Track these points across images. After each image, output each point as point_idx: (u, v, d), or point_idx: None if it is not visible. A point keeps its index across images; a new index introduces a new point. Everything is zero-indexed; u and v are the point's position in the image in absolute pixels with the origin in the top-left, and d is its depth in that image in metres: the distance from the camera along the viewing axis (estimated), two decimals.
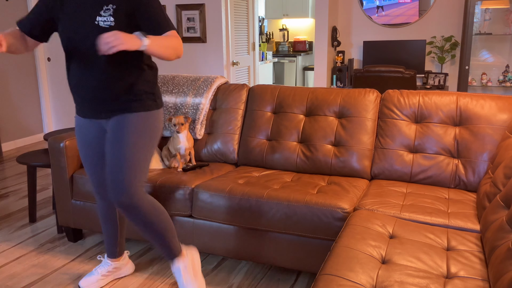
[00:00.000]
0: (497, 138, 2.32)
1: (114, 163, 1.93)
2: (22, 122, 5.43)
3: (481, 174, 2.32)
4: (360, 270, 1.49)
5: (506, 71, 4.50)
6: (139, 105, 1.98)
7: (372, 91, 2.64)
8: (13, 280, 2.44)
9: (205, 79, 2.98)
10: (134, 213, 1.96)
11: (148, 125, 1.99)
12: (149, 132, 2.00)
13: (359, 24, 5.03)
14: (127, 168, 1.92)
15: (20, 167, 4.53)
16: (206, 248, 2.42)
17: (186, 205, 2.39)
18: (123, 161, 1.92)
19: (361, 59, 5.13)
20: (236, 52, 5.06)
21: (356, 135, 2.56)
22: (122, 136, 1.94)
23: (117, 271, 2.40)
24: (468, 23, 4.30)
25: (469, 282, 1.46)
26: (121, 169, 1.91)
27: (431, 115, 2.48)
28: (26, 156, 3.08)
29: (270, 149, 2.72)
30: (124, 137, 1.94)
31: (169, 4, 4.91)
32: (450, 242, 1.75)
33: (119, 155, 1.92)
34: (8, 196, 3.71)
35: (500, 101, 2.40)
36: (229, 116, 2.87)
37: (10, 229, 3.07)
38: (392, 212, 2.04)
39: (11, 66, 5.24)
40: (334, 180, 2.48)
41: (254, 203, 2.23)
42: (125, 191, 1.91)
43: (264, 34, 7.47)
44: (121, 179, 1.91)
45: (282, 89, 2.85)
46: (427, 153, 2.45)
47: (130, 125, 1.95)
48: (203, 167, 2.73)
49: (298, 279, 2.40)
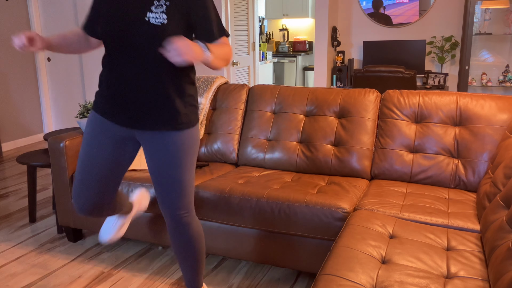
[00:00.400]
0: (497, 138, 2.32)
1: (171, 188, 1.83)
2: (22, 122, 5.43)
3: (481, 174, 2.32)
4: (360, 270, 1.49)
5: (506, 71, 4.50)
6: (188, 121, 1.82)
7: (372, 91, 2.64)
8: (13, 280, 2.44)
9: (205, 79, 2.98)
10: (184, 230, 1.91)
11: (194, 141, 1.87)
12: (195, 147, 1.89)
13: (359, 24, 5.03)
14: (185, 191, 1.86)
15: (20, 167, 4.53)
16: (206, 248, 2.42)
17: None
18: (181, 185, 1.84)
19: (361, 59, 5.13)
20: (236, 52, 5.06)
21: (356, 135, 2.56)
22: (176, 157, 1.81)
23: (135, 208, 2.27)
24: (468, 23, 4.30)
25: (469, 282, 1.46)
26: (180, 192, 1.84)
27: (431, 115, 2.48)
28: (26, 156, 3.08)
29: (270, 149, 2.72)
30: (179, 158, 1.81)
31: None
32: (450, 242, 1.75)
33: (176, 179, 1.82)
34: (8, 196, 3.71)
35: (500, 101, 2.40)
36: (229, 116, 2.87)
37: (10, 229, 3.07)
38: (392, 212, 2.04)
39: (11, 66, 5.24)
40: (334, 180, 2.48)
41: (254, 203, 2.23)
42: (185, 212, 1.89)
43: (264, 34, 7.47)
44: (182, 202, 1.86)
45: (282, 89, 2.85)
46: (427, 153, 2.45)
47: (182, 144, 1.81)
48: (203, 167, 2.73)
49: (298, 279, 2.40)
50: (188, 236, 1.93)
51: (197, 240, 1.96)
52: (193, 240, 1.94)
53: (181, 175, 1.83)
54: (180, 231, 1.91)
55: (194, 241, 1.95)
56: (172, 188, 1.84)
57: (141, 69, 1.71)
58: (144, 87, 1.73)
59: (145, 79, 1.72)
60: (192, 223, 1.92)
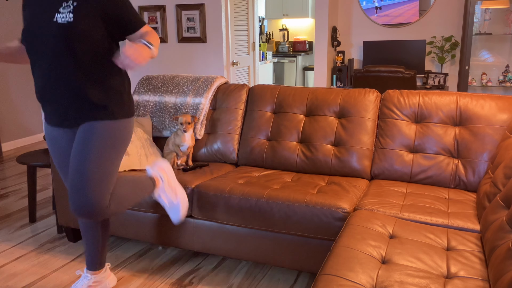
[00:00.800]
0: (497, 138, 2.32)
1: (77, 177, 1.81)
2: (22, 122, 5.43)
3: (481, 174, 2.32)
4: (360, 270, 1.49)
5: (506, 71, 4.50)
6: (108, 113, 1.85)
7: (372, 91, 2.64)
8: (13, 280, 2.44)
9: (205, 79, 2.98)
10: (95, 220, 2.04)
11: (115, 135, 1.86)
12: (117, 142, 1.87)
13: (359, 24, 5.03)
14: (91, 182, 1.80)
15: (20, 167, 4.53)
16: (206, 248, 2.42)
17: None
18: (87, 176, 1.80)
19: (361, 59, 5.13)
20: (236, 52, 5.06)
21: (356, 135, 2.56)
22: (86, 148, 1.82)
23: (98, 285, 2.23)
24: (468, 23, 4.30)
25: (469, 282, 1.46)
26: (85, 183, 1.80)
27: (431, 115, 2.48)
28: (26, 156, 3.08)
29: (270, 149, 2.72)
30: (89, 149, 1.81)
31: (169, 4, 4.91)
32: (450, 242, 1.75)
33: (82, 169, 1.80)
34: (8, 196, 3.71)
35: (500, 101, 2.40)
36: (229, 116, 2.87)
37: (10, 229, 3.07)
38: (392, 212, 2.04)
39: (11, 66, 5.24)
40: (334, 180, 2.48)
41: (254, 203, 2.23)
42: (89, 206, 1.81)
43: (264, 34, 7.47)
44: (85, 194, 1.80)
45: (282, 89, 2.85)
46: (427, 153, 2.45)
47: (96, 135, 1.83)
48: (203, 167, 2.73)
49: (298, 279, 2.40)
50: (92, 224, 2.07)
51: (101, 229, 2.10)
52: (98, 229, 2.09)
53: (89, 164, 1.79)
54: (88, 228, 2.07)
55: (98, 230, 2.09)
56: (78, 176, 1.80)
57: (56, 69, 1.77)
58: (61, 86, 1.79)
59: (61, 78, 1.78)
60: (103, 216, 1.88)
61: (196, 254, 2.69)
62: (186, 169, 2.65)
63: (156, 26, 5.03)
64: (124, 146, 1.91)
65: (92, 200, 1.81)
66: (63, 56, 1.76)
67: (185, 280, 2.40)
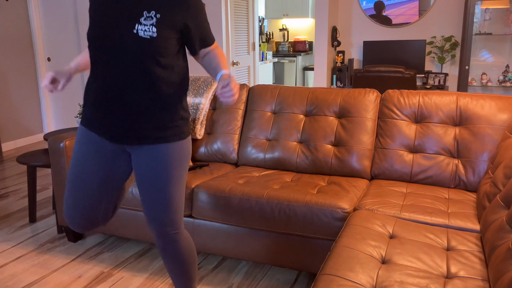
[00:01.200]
0: (497, 138, 2.32)
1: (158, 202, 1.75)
2: (22, 122, 5.43)
3: (481, 174, 2.32)
4: (360, 270, 1.49)
5: (506, 71, 4.50)
6: (178, 133, 1.74)
7: (372, 91, 2.64)
8: (13, 280, 2.44)
9: (205, 79, 2.98)
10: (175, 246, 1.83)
11: (184, 154, 1.78)
12: (186, 160, 1.80)
13: (359, 24, 5.03)
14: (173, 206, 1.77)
15: (20, 167, 4.53)
16: (206, 248, 2.42)
17: (186, 205, 2.39)
18: (168, 200, 1.75)
19: (361, 59, 5.13)
20: (236, 52, 5.06)
21: (356, 135, 2.56)
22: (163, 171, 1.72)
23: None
24: (468, 23, 4.30)
25: (469, 282, 1.46)
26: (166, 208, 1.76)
27: (431, 115, 2.48)
28: (26, 156, 3.08)
29: (270, 149, 2.72)
30: (166, 172, 1.72)
31: None
32: (450, 242, 1.75)
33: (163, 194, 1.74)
34: (8, 196, 3.71)
35: (500, 101, 2.40)
36: (229, 116, 2.87)
37: (10, 229, 3.07)
38: (392, 212, 2.04)
39: (11, 66, 5.24)
40: (334, 180, 2.48)
41: (254, 203, 2.23)
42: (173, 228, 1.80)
43: (264, 34, 7.47)
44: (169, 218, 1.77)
45: (282, 89, 2.85)
46: (427, 153, 2.45)
47: (171, 157, 1.73)
48: (203, 167, 2.73)
49: (298, 279, 2.40)
50: (177, 253, 1.84)
51: (187, 256, 1.87)
52: (182, 257, 1.86)
53: (168, 190, 1.74)
54: (168, 248, 1.83)
55: (183, 258, 1.86)
56: (159, 203, 1.75)
57: (127, 81, 1.63)
58: (130, 100, 1.65)
59: (131, 92, 1.64)
60: (180, 241, 1.83)
61: (196, 254, 2.69)
62: None
63: None
64: (188, 162, 1.85)
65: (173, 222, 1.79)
66: (138, 69, 1.62)
67: None
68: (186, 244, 1.86)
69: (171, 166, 1.73)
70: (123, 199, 1.96)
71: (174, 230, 1.80)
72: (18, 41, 5.30)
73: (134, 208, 2.51)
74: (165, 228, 1.78)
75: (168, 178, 1.73)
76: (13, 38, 5.24)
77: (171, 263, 1.87)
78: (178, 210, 1.80)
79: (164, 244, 1.82)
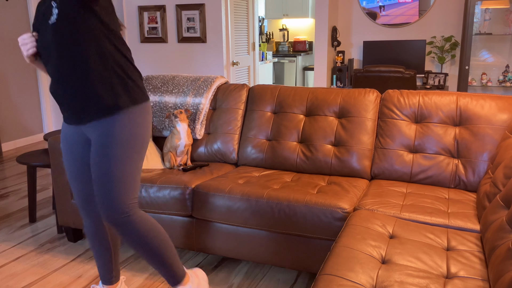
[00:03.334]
0: (497, 138, 2.32)
1: (101, 180, 1.72)
2: (22, 122, 5.43)
3: (481, 174, 2.32)
4: (360, 270, 1.49)
5: (506, 71, 4.50)
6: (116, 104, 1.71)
7: (372, 91, 2.64)
8: (13, 280, 2.44)
9: (205, 79, 2.98)
10: (128, 231, 1.76)
11: (130, 126, 1.72)
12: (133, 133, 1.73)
13: (359, 24, 5.03)
14: (116, 184, 1.71)
15: (20, 167, 4.53)
16: (206, 248, 2.42)
17: (186, 205, 2.39)
18: (111, 178, 1.70)
19: (361, 59, 5.13)
20: (236, 52, 5.06)
21: (356, 135, 2.56)
22: (105, 147, 1.71)
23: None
24: (468, 23, 4.30)
25: (469, 282, 1.46)
26: (110, 186, 1.71)
27: (431, 115, 2.48)
28: (26, 156, 3.08)
29: (270, 149, 2.72)
30: (108, 148, 1.70)
31: (169, 4, 4.91)
32: (450, 242, 1.75)
33: (105, 171, 1.70)
34: (8, 196, 3.71)
35: (500, 101, 2.40)
36: (229, 116, 2.87)
37: (10, 229, 3.07)
38: (392, 212, 2.04)
39: (11, 66, 5.24)
40: (334, 180, 2.48)
41: (254, 203, 2.23)
42: (117, 209, 1.73)
43: (264, 34, 7.47)
44: (112, 197, 1.71)
45: (282, 89, 2.85)
46: (427, 153, 2.45)
47: (112, 131, 1.70)
48: (203, 167, 2.73)
49: (298, 279, 2.40)
50: (136, 233, 1.77)
51: (148, 233, 1.79)
52: (143, 234, 1.78)
53: (111, 168, 1.69)
54: (122, 233, 1.77)
55: (144, 234, 1.79)
56: (102, 184, 1.70)
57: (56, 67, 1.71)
58: (63, 83, 1.72)
59: (62, 75, 1.71)
60: (132, 223, 1.76)
61: (196, 254, 2.69)
62: (186, 169, 2.65)
63: (156, 26, 5.03)
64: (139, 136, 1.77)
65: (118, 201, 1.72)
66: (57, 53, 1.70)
67: None
68: (141, 226, 1.78)
69: (113, 141, 1.70)
70: None
71: (122, 215, 1.73)
72: (18, 41, 5.30)
73: None
74: (111, 213, 1.72)
75: (110, 156, 1.69)
76: (13, 38, 5.24)
77: (134, 247, 1.81)
78: (126, 191, 1.72)
79: (117, 228, 1.76)
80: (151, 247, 1.82)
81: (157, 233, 1.84)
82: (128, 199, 1.76)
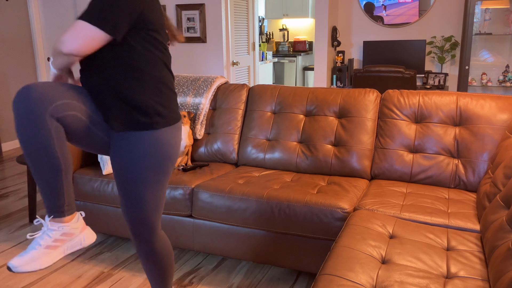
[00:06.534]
0: (497, 138, 2.32)
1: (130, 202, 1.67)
2: None
3: (481, 174, 2.32)
4: (360, 270, 1.49)
5: (506, 71, 4.50)
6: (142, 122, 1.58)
7: (372, 91, 2.64)
8: (13, 280, 2.44)
9: (205, 79, 2.98)
10: (148, 248, 1.78)
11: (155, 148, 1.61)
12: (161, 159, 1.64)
13: (359, 24, 5.03)
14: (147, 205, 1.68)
15: (20, 167, 4.53)
16: (206, 248, 2.42)
17: (186, 205, 2.39)
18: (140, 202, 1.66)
19: (361, 59, 5.13)
20: (236, 52, 5.06)
21: (356, 135, 2.56)
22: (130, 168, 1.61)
23: (69, 238, 1.54)
24: (468, 23, 4.30)
25: (469, 282, 1.46)
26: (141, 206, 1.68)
27: (431, 115, 2.48)
28: None
29: (270, 149, 2.72)
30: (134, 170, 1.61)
31: (169, 4, 4.91)
32: (450, 242, 1.75)
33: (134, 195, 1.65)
34: (8, 196, 3.71)
35: (500, 101, 2.40)
36: (229, 116, 2.87)
37: (10, 229, 3.07)
38: (392, 212, 2.04)
39: (11, 66, 5.24)
40: (334, 180, 2.48)
41: (254, 203, 2.23)
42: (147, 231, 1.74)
43: (264, 34, 7.47)
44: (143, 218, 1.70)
45: (282, 89, 2.85)
46: (427, 153, 2.45)
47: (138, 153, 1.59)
48: (203, 167, 2.73)
49: (298, 279, 2.40)
50: (151, 255, 1.81)
51: (161, 258, 1.83)
52: (157, 258, 1.82)
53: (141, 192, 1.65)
54: (142, 248, 1.79)
55: (157, 260, 1.82)
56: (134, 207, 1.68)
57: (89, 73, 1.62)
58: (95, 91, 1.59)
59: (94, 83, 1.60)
60: (155, 243, 1.78)
61: (196, 254, 2.69)
62: (186, 169, 2.65)
63: None
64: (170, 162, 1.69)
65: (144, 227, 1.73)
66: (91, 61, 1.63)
67: (185, 280, 2.40)
68: (161, 248, 1.82)
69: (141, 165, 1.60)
70: None
71: (147, 232, 1.74)
72: (18, 41, 5.30)
73: None
74: (139, 228, 1.72)
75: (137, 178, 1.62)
76: (13, 38, 5.24)
77: (145, 263, 1.84)
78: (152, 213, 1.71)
79: (139, 242, 1.77)
80: (161, 268, 1.87)
81: (170, 256, 1.89)
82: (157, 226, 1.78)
